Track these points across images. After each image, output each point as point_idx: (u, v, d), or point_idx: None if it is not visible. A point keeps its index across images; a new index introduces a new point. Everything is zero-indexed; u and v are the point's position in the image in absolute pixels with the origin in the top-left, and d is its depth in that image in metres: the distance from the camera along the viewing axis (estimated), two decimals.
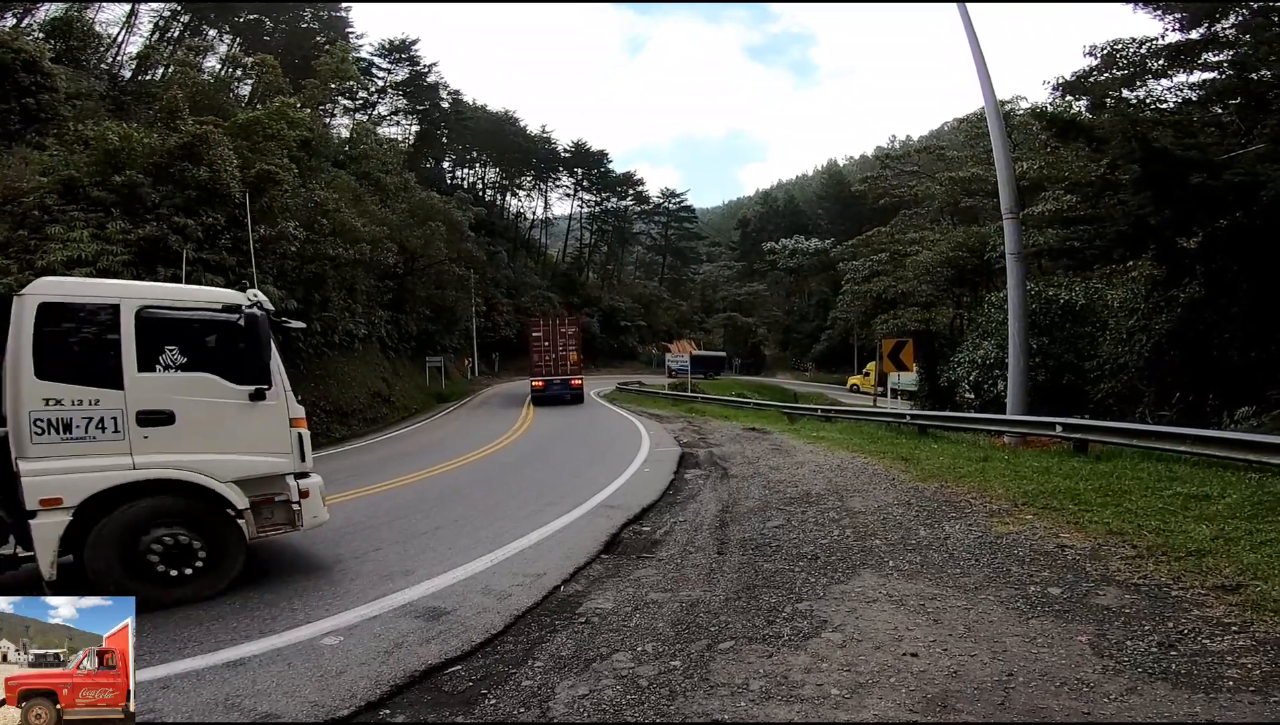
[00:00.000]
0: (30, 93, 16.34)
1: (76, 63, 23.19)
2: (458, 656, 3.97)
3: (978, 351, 17.00)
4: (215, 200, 15.25)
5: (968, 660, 3.52)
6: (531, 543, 6.40)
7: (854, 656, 3.65)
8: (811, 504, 7.37)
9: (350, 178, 25.60)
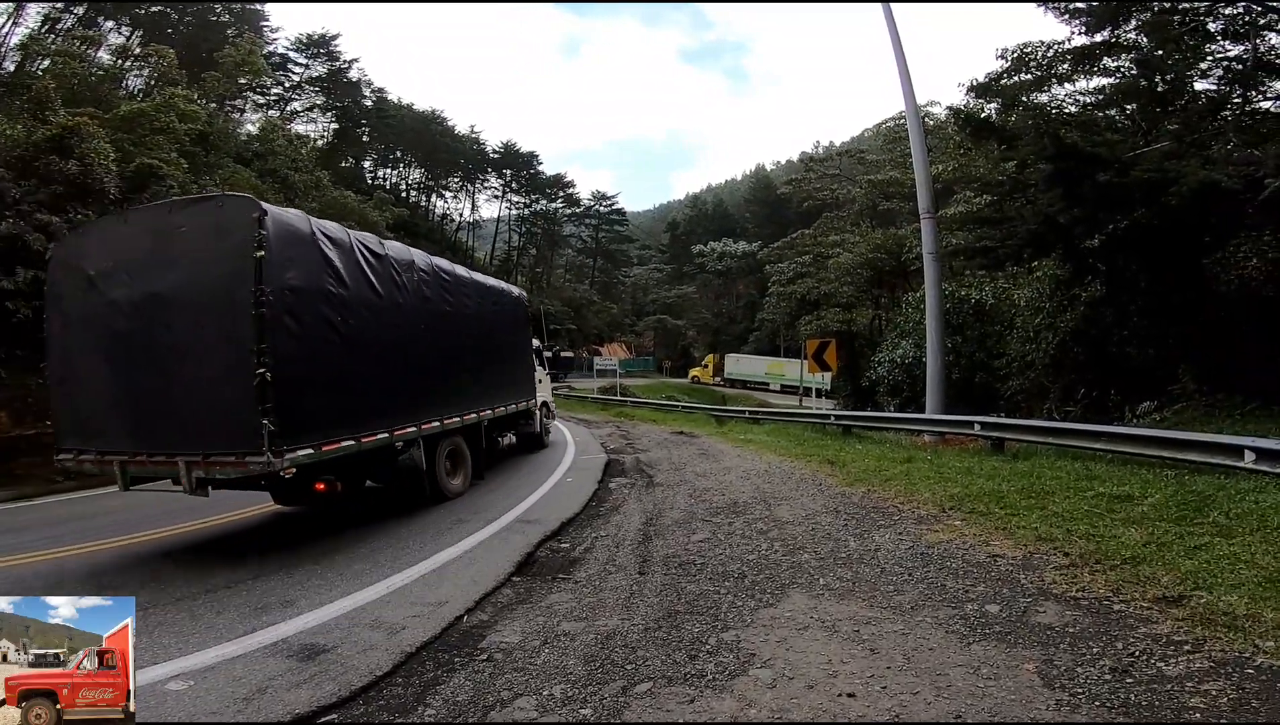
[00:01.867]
0: None
1: None
2: (332, 704, 3.43)
3: (896, 351, 17.35)
4: (87, 196, 13.74)
5: (910, 700, 3.18)
6: (435, 566, 5.79)
7: (785, 699, 3.26)
8: (738, 514, 7.05)
9: (252, 175, 23.81)
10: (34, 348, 12.33)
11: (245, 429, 5.60)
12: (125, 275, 6.09)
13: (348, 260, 6.87)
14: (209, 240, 5.83)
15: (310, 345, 6.18)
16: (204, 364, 5.82)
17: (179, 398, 5.90)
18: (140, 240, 6.20)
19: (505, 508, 8.09)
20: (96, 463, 6.35)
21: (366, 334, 7.02)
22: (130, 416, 6.12)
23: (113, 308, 6.10)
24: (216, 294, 5.76)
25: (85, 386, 6.44)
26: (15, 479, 11.47)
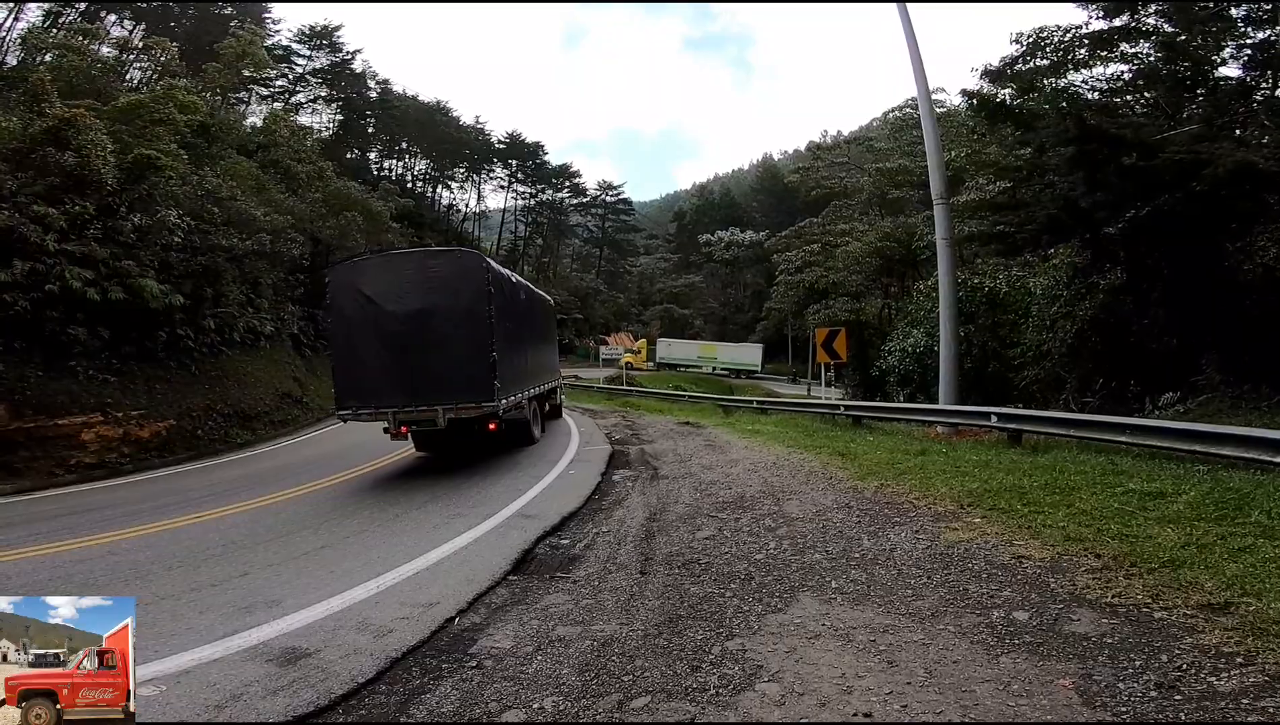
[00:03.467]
0: None
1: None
2: (308, 714, 3.23)
3: (908, 340, 16.97)
4: (84, 188, 13.55)
5: (934, 721, 2.88)
6: (429, 563, 5.55)
7: (794, 718, 2.97)
8: (745, 509, 6.75)
9: (254, 166, 23.60)
10: (31, 340, 12.30)
11: (482, 387, 9.45)
12: (397, 295, 9.49)
13: (511, 287, 11.53)
14: (457, 277, 9.73)
15: (505, 339, 10.12)
16: (455, 350, 9.49)
17: (439, 371, 9.39)
18: (407, 273, 9.80)
19: (505, 501, 7.84)
20: (372, 414, 9.57)
21: (516, 329, 11.32)
22: (404, 383, 9.37)
23: (391, 317, 9.43)
24: (463, 309, 9.53)
25: (364, 365, 9.59)
26: (14, 473, 11.37)
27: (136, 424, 13.25)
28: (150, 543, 6.83)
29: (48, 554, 6.56)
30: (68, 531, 7.53)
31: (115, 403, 13.06)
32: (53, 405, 12.06)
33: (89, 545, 6.83)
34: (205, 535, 7.03)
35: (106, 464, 12.47)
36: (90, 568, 5.94)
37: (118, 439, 12.82)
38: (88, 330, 12.89)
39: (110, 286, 13.04)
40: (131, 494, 10.31)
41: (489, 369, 9.49)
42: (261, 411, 17.58)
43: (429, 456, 11.82)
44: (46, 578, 5.68)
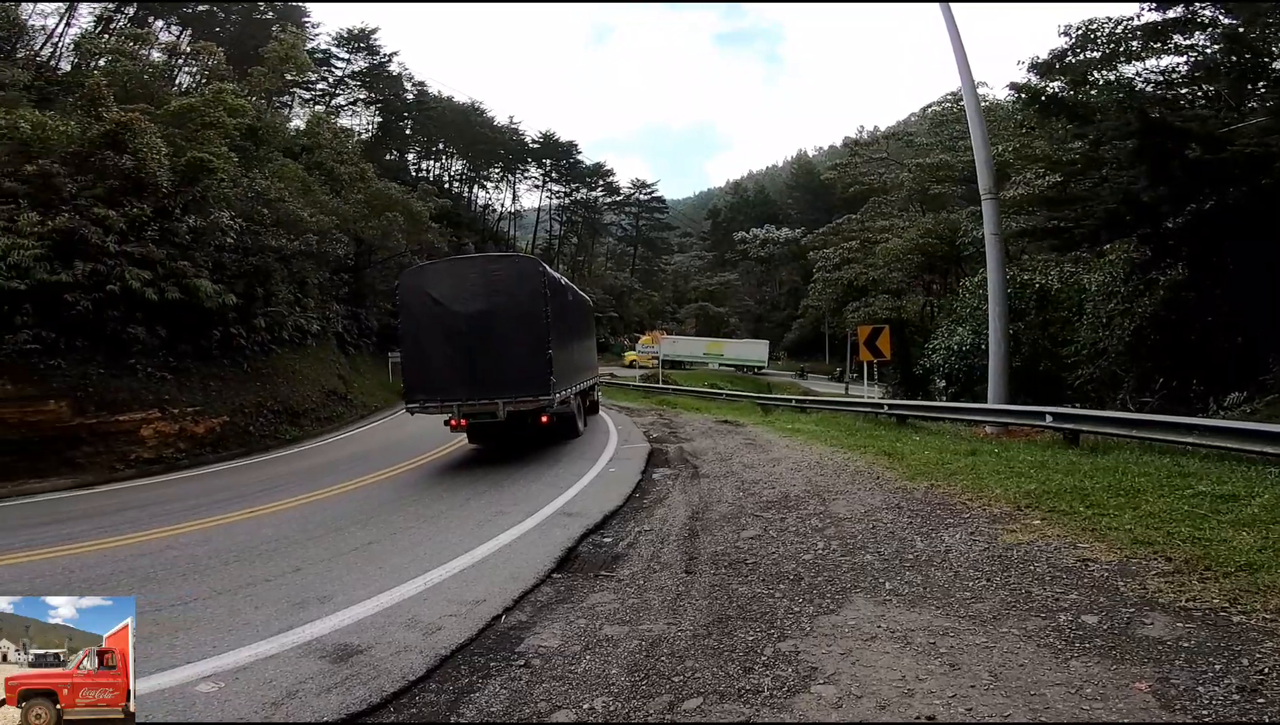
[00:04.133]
0: None
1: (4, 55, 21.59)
2: (361, 711, 3.23)
3: (953, 338, 16.55)
4: (141, 190, 14.04)
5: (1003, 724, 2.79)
6: (474, 560, 5.58)
7: (854, 721, 2.89)
8: (791, 508, 6.65)
9: (299, 167, 24.20)
10: (93, 339, 12.81)
11: (539, 382, 10.18)
12: (462, 298, 10.27)
13: (561, 289, 12.21)
14: (515, 281, 10.54)
15: (558, 337, 10.87)
16: (515, 348, 10.16)
17: (499, 367, 10.11)
18: (471, 277, 10.67)
19: (546, 498, 7.87)
20: (438, 407, 10.35)
21: (567, 329, 12.12)
22: (468, 378, 10.11)
23: (456, 317, 10.19)
24: (523, 310, 10.24)
25: (432, 362, 10.37)
26: (77, 467, 11.85)
27: (192, 420, 13.72)
28: (207, 537, 7.02)
29: (108, 548, 6.76)
30: (129, 525, 7.79)
31: (172, 399, 13.54)
32: (114, 402, 12.55)
33: (148, 540, 7.04)
34: (259, 530, 7.21)
35: (164, 459, 12.93)
36: (150, 562, 6.10)
37: (174, 435, 13.29)
38: (146, 329, 13.37)
39: (167, 286, 13.50)
40: (188, 489, 10.66)
41: (546, 365, 10.22)
42: (309, 408, 18.03)
43: (468, 454, 12.00)
44: (109, 572, 5.83)
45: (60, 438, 11.77)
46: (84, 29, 29.47)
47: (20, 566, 6.17)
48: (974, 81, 13.09)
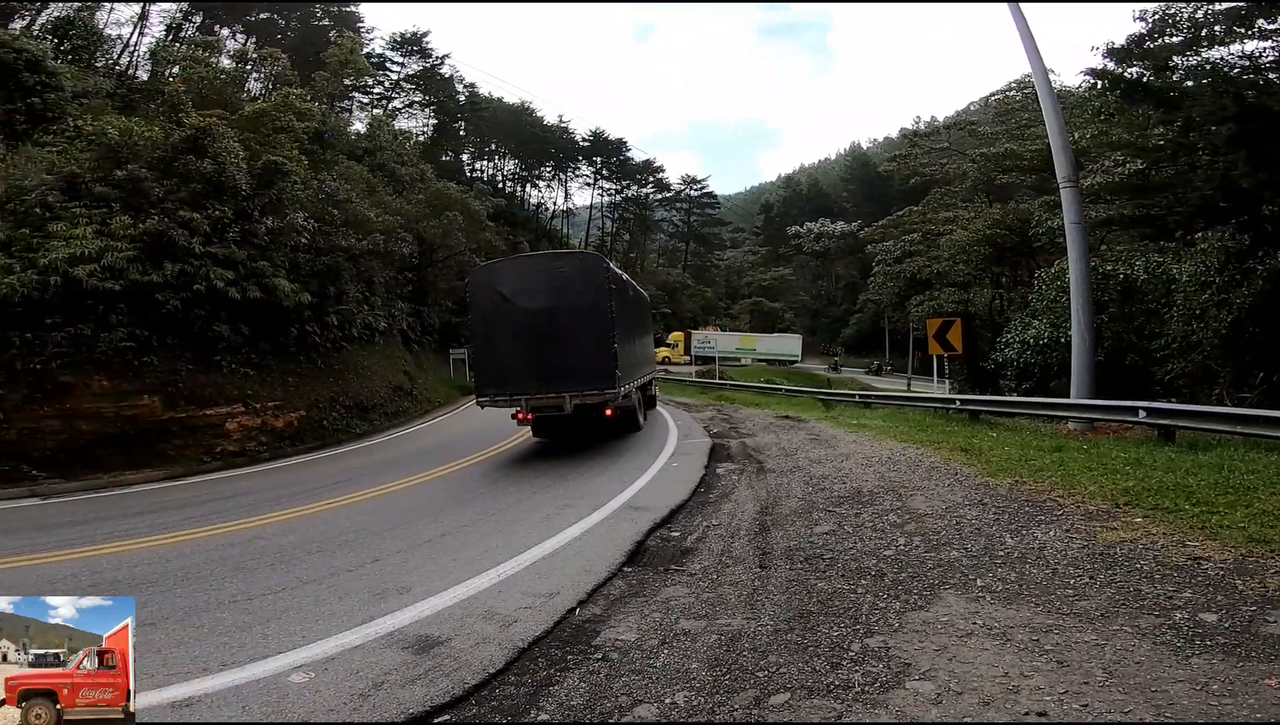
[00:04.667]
0: (35, 92, 15.90)
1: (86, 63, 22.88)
2: (446, 703, 3.23)
3: (1028, 332, 15.80)
4: (222, 193, 14.70)
5: (1123, 720, 2.62)
6: (545, 553, 5.62)
7: (956, 717, 2.77)
8: (865, 504, 6.46)
9: (364, 169, 25.00)
10: (182, 336, 13.52)
11: (604, 376, 10.35)
12: (529, 294, 10.45)
13: (623, 284, 12.34)
14: (579, 276, 10.73)
15: (622, 332, 11.04)
16: (581, 343, 10.33)
17: (566, 361, 10.29)
18: (537, 273, 10.92)
19: (611, 492, 7.88)
20: (507, 400, 10.61)
21: (629, 324, 12.34)
22: (535, 373, 10.33)
23: (523, 312, 10.39)
24: (588, 305, 10.43)
25: (501, 357, 10.74)
26: (167, 459, 12.51)
27: (272, 414, 14.32)
28: (290, 528, 7.26)
29: (200, 537, 7.06)
30: (217, 516, 8.11)
31: (254, 394, 14.15)
32: (201, 397, 13.21)
33: (236, 530, 7.30)
34: (337, 522, 7.42)
35: (246, 452, 13.52)
36: (239, 551, 6.31)
37: (256, 428, 13.90)
38: (230, 327, 13.99)
39: (248, 286, 14.09)
40: (270, 481, 11.11)
41: (611, 359, 10.43)
42: (377, 403, 18.60)
43: (531, 448, 12.15)
44: (201, 561, 6.03)
45: (153, 431, 12.44)
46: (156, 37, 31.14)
47: (121, 555, 6.43)
48: (1045, 69, 12.65)
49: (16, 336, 11.56)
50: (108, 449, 11.92)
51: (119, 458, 11.95)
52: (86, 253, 12.11)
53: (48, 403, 11.54)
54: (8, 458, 11.12)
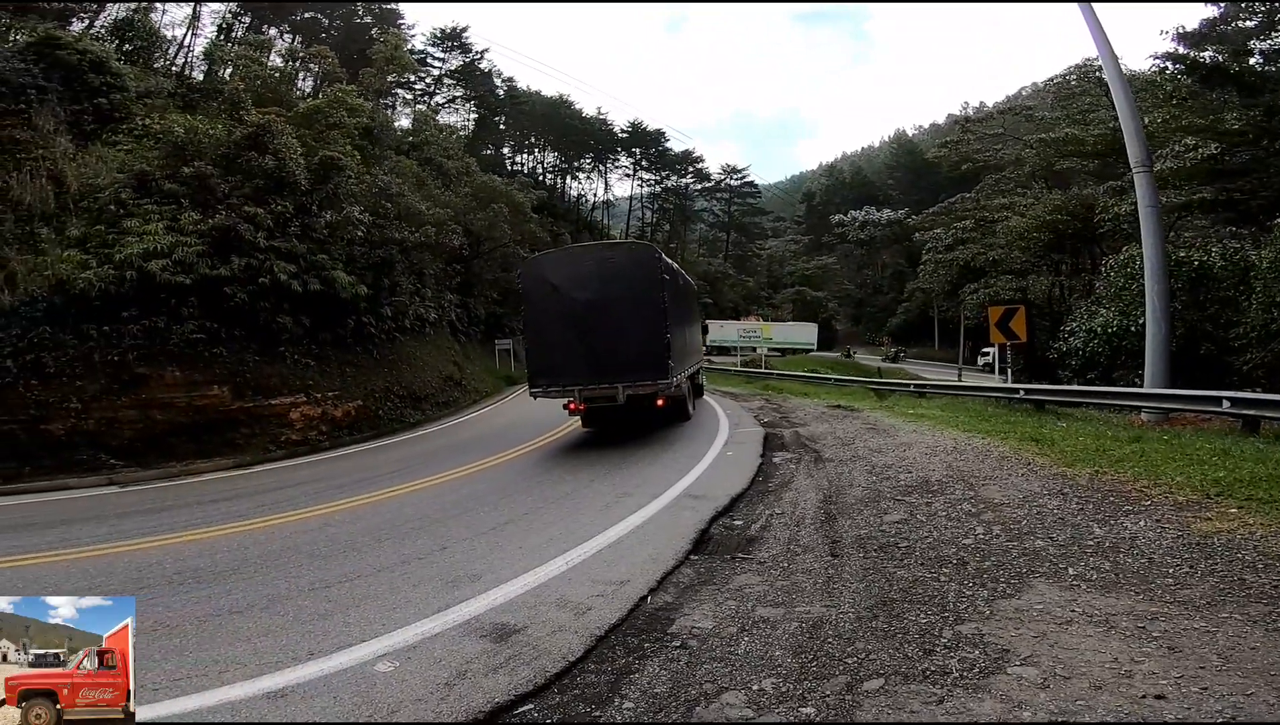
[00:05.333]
0: (101, 93, 16.54)
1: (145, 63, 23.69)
2: (530, 692, 3.22)
3: (1095, 320, 15.24)
4: (282, 188, 15.14)
5: (1246, 701, 2.52)
6: (609, 541, 5.62)
7: (1068, 701, 2.69)
8: (934, 494, 6.31)
9: (414, 164, 25.43)
10: (249, 329, 14.00)
11: (657, 367, 10.37)
12: (581, 285, 10.47)
13: (673, 274, 12.25)
14: (631, 267, 10.76)
15: (675, 321, 11.13)
16: (633, 333, 10.35)
17: (619, 352, 10.31)
18: (588, 264, 10.93)
19: (669, 481, 7.84)
20: (560, 391, 10.68)
21: (680, 313, 12.33)
22: (588, 363, 10.39)
23: (575, 303, 10.43)
24: (640, 296, 10.42)
25: (553, 348, 10.76)
26: (236, 448, 12.98)
27: (332, 404, 14.74)
28: (358, 515, 7.41)
29: (275, 525, 7.21)
30: (287, 503, 8.34)
31: (315, 385, 14.59)
32: (267, 387, 13.67)
33: (306, 517, 7.48)
34: (401, 509, 7.55)
35: (308, 441, 13.94)
36: (311, 538, 6.43)
37: (317, 418, 14.32)
38: (293, 319, 14.44)
39: (309, 279, 14.50)
40: (333, 469, 11.40)
41: (664, 349, 10.45)
42: (429, 393, 18.97)
43: (582, 437, 12.19)
44: (278, 548, 6.15)
45: (222, 421, 12.94)
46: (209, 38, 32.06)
47: (201, 543, 6.58)
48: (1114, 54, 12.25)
49: (94, 329, 12.14)
50: (180, 438, 12.44)
51: (191, 446, 12.47)
52: (159, 248, 12.63)
53: (124, 393, 12.10)
54: (87, 447, 11.71)
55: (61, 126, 15.03)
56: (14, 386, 11.35)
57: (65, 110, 15.43)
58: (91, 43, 17.89)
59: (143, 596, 4.79)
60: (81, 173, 14.10)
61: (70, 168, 14.09)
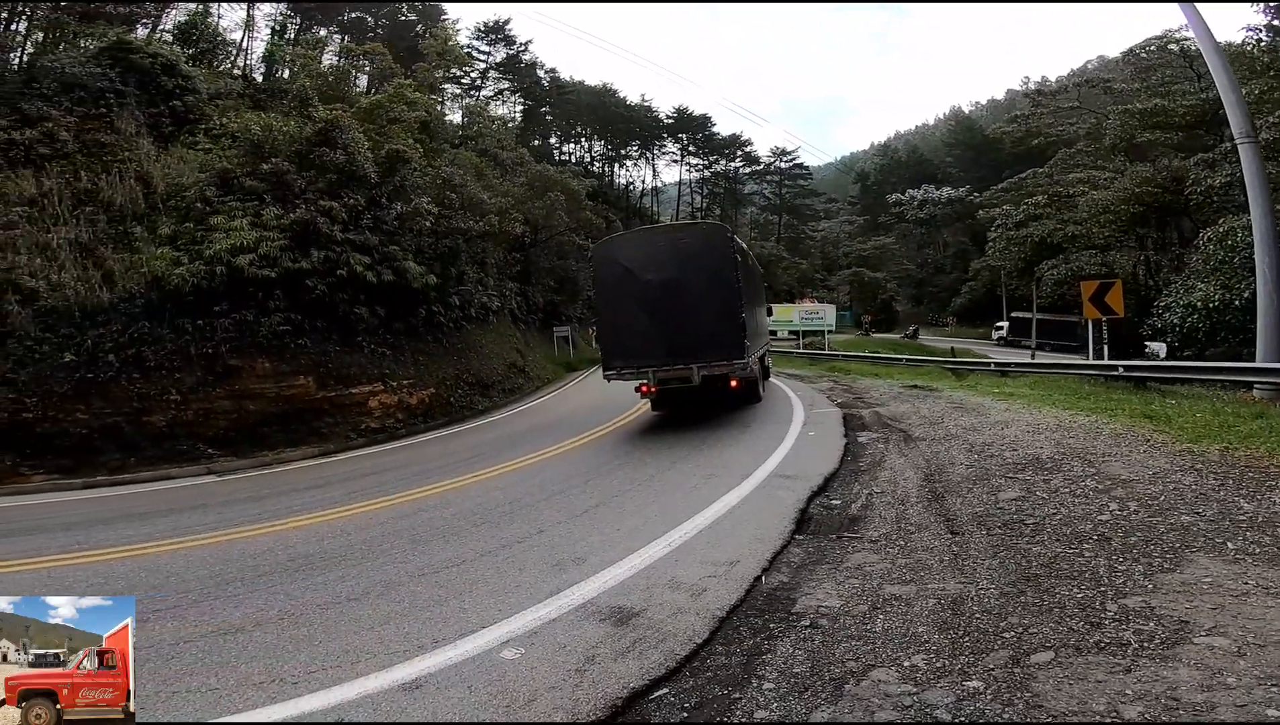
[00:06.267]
0: (175, 95, 17.21)
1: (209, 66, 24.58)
2: (662, 676, 3.13)
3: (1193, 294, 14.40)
4: (353, 182, 15.51)
5: None
6: (708, 522, 5.54)
7: (1273, 667, 2.53)
8: (1050, 471, 6.02)
9: (471, 154, 25.77)
10: (330, 320, 14.44)
11: (732, 347, 10.32)
12: (653, 267, 10.45)
13: (744, 254, 12.05)
14: (703, 248, 10.63)
15: (749, 301, 11.20)
16: (707, 314, 10.26)
17: (693, 333, 10.25)
18: (659, 246, 10.96)
19: (754, 462, 7.71)
20: (634, 373, 10.74)
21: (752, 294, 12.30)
22: (662, 345, 10.38)
23: (648, 285, 10.39)
24: (713, 276, 10.37)
25: (628, 330, 10.72)
26: (320, 437, 13.43)
27: (407, 392, 15.13)
28: (448, 500, 7.47)
29: (370, 511, 7.28)
30: (378, 490, 8.45)
31: (391, 373, 14.99)
32: (347, 376, 14.11)
33: (399, 503, 7.57)
34: (488, 494, 7.61)
35: (386, 429, 14.34)
36: (408, 524, 6.46)
37: (394, 406, 14.72)
38: (369, 309, 14.85)
39: (383, 269, 14.89)
40: (413, 456, 11.63)
41: (739, 329, 10.39)
42: (495, 380, 19.28)
43: (652, 421, 12.12)
44: (379, 534, 6.17)
45: (308, 410, 13.41)
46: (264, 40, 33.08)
47: (306, 530, 6.66)
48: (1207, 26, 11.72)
49: (189, 324, 12.72)
50: (270, 427, 12.96)
51: (280, 435, 12.97)
52: (245, 243, 13.13)
53: (219, 384, 12.66)
54: (187, 437, 12.31)
55: (142, 129, 15.77)
56: (117, 380, 11.98)
57: (144, 113, 16.16)
58: (161, 46, 18.58)
59: (262, 584, 4.90)
60: (166, 173, 14.76)
61: (156, 169, 14.78)
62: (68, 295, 12.15)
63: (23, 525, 7.98)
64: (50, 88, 15.49)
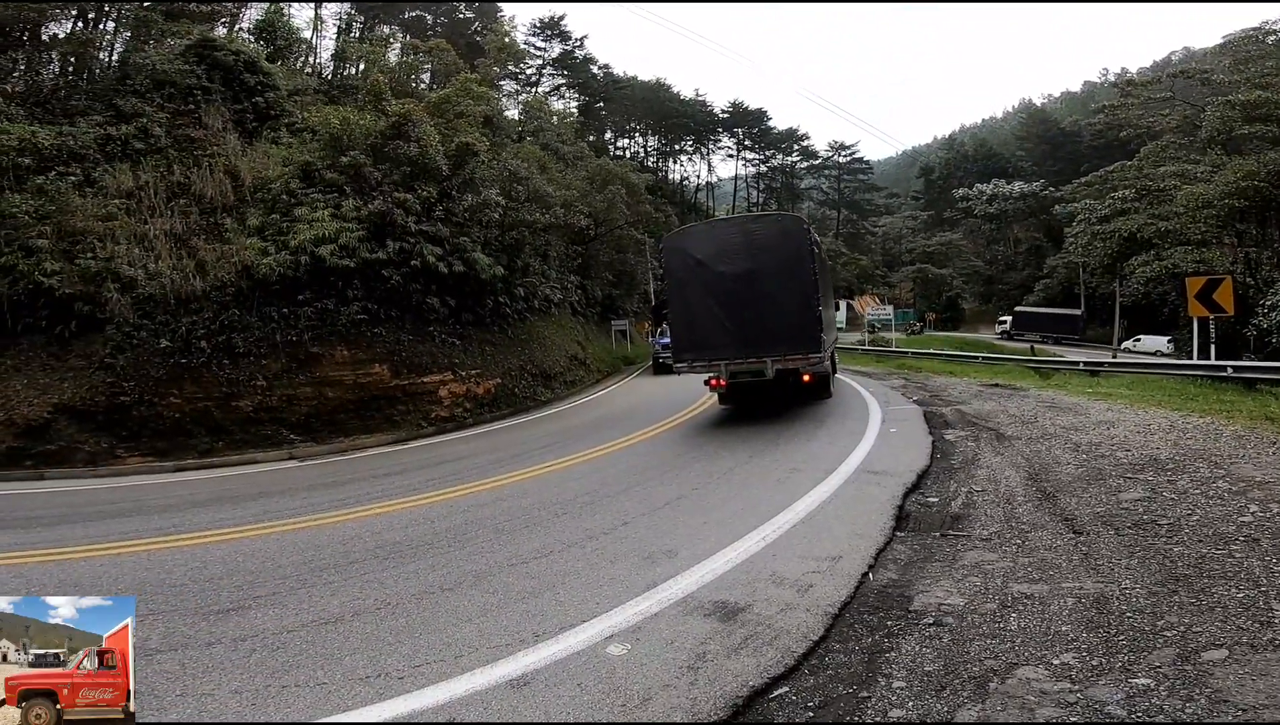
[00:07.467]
0: (257, 92, 17.80)
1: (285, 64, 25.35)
2: (781, 674, 3.00)
3: None
4: (425, 174, 15.80)
5: None
6: (800, 516, 5.38)
7: None
8: (1172, 472, 5.63)
9: (535, 147, 26.02)
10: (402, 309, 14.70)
11: (807, 339, 10.15)
12: (726, 258, 10.27)
13: (818, 247, 11.75)
14: (779, 238, 10.38)
15: (823, 293, 11.13)
16: (782, 306, 10.06)
17: (767, 325, 10.09)
18: (733, 237, 10.61)
19: (838, 457, 7.52)
20: (705, 366, 10.62)
21: (826, 287, 12.12)
22: (736, 337, 10.22)
23: (721, 277, 10.23)
24: (788, 268, 10.12)
25: (700, 322, 10.57)
26: (393, 424, 13.75)
27: (475, 382, 15.33)
28: (525, 489, 7.45)
29: (451, 499, 7.29)
30: (454, 478, 8.47)
31: (460, 363, 15.21)
32: (419, 365, 14.37)
33: (478, 491, 7.55)
34: (565, 483, 7.56)
35: (455, 418, 14.55)
36: (490, 512, 6.44)
37: (463, 395, 14.94)
38: (439, 300, 15.11)
39: (453, 261, 15.10)
40: (483, 445, 11.73)
41: (815, 322, 10.16)
42: (557, 372, 19.38)
43: (720, 415, 11.96)
44: (461, 523, 6.13)
45: (382, 398, 13.73)
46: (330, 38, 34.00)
47: (391, 516, 6.66)
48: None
49: (275, 312, 13.18)
50: (348, 414, 13.33)
51: (356, 422, 13.33)
52: (326, 234, 13.53)
53: (301, 371, 13.09)
54: (271, 422, 12.76)
55: (228, 124, 16.41)
56: (208, 366, 12.53)
57: (229, 109, 16.81)
58: (243, 44, 19.29)
59: (354, 572, 4.87)
60: (252, 166, 15.33)
61: (243, 162, 15.38)
62: (164, 283, 12.75)
63: (122, 508, 8.27)
64: (143, 84, 16.28)
